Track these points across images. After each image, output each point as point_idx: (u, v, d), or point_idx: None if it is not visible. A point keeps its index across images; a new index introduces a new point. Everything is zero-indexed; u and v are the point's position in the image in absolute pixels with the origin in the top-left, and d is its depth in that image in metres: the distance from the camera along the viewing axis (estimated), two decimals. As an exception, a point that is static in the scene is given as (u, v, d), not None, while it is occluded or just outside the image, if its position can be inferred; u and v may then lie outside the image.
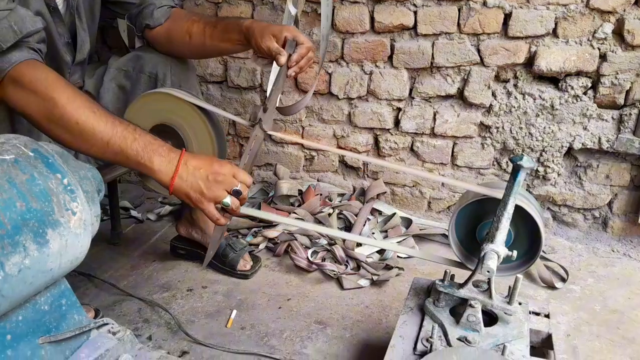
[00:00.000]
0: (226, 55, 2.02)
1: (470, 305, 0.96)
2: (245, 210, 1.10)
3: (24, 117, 1.01)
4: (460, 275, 1.01)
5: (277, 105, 1.40)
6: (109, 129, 0.97)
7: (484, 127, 1.86)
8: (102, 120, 0.97)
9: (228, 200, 0.98)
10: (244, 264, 1.61)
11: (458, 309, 1.00)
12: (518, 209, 0.95)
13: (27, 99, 0.97)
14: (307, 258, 1.65)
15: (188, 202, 1.00)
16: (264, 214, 1.40)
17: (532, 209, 0.98)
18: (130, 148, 0.97)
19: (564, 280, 1.59)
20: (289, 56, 1.19)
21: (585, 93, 1.71)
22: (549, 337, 1.02)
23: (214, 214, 0.99)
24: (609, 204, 1.80)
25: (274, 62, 1.21)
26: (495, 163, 1.89)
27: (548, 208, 1.88)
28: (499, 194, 0.95)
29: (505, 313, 0.98)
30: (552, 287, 1.55)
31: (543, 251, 1.72)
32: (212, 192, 0.97)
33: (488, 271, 0.91)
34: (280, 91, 1.27)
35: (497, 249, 0.92)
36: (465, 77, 1.81)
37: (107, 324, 0.78)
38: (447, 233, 1.06)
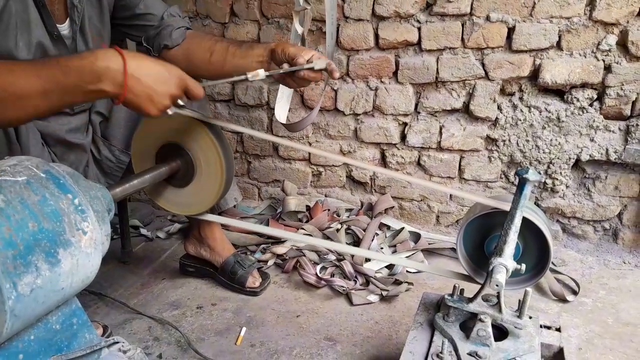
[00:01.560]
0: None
1: (480, 320, 0.95)
2: (254, 226, 1.11)
3: None
4: (470, 289, 1.01)
5: (284, 122, 1.41)
6: (35, 80, 0.88)
7: (490, 141, 1.86)
8: (23, 75, 0.88)
9: (171, 112, 0.98)
10: (253, 280, 1.61)
11: (468, 323, 1.00)
12: (526, 222, 0.95)
13: None
14: (316, 274, 1.65)
15: (134, 110, 0.96)
16: (272, 230, 1.41)
17: (540, 221, 0.98)
18: (68, 85, 0.89)
19: (575, 293, 1.57)
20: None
21: (591, 105, 1.71)
22: (560, 351, 1.01)
23: (157, 115, 0.97)
24: (619, 216, 1.79)
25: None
26: (502, 176, 1.89)
27: (557, 220, 1.87)
28: (506, 207, 0.96)
29: (516, 327, 0.97)
30: (563, 300, 1.54)
31: (553, 264, 1.71)
32: (160, 102, 0.95)
33: (497, 285, 0.91)
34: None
35: (506, 262, 0.91)
36: (471, 91, 1.82)
37: (117, 342, 0.78)
38: (455, 247, 1.06)
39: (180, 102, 0.99)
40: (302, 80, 1.16)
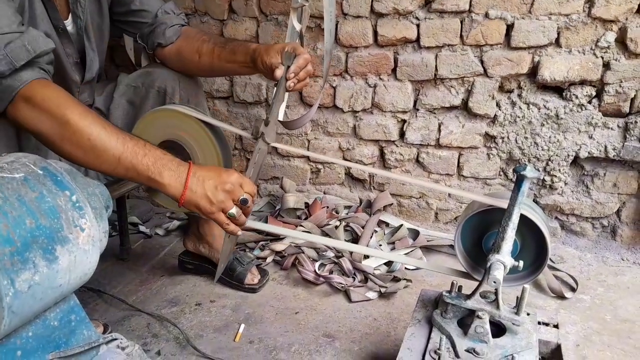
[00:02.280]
0: (232, 75, 2.05)
1: (478, 317, 0.95)
2: (253, 224, 1.11)
3: (36, 136, 1.01)
4: (468, 286, 1.01)
5: (282, 119, 1.41)
6: (120, 145, 0.98)
7: (489, 138, 1.86)
8: (113, 136, 0.98)
9: (234, 211, 1.01)
10: (252, 277, 1.61)
11: (466, 320, 1.00)
12: (524, 219, 0.95)
13: (38, 118, 0.98)
14: (315, 271, 1.65)
15: (197, 213, 1.02)
16: (271, 228, 1.40)
17: (538, 218, 0.98)
18: (141, 163, 0.98)
19: (573, 289, 1.57)
20: (287, 68, 1.19)
21: (590, 102, 1.71)
22: (558, 348, 1.01)
23: (224, 221, 1.02)
24: (617, 213, 1.79)
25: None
26: (501, 173, 1.89)
27: (556, 217, 1.87)
28: (503, 204, 0.96)
29: (513, 324, 0.97)
30: (561, 297, 1.54)
31: (552, 261, 1.71)
32: (220, 201, 0.99)
33: (494, 282, 0.91)
34: (281, 103, 1.28)
35: (503, 259, 0.92)
36: (469, 88, 1.82)
37: (116, 339, 0.78)
38: (453, 244, 1.06)
39: (244, 196, 1.01)
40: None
